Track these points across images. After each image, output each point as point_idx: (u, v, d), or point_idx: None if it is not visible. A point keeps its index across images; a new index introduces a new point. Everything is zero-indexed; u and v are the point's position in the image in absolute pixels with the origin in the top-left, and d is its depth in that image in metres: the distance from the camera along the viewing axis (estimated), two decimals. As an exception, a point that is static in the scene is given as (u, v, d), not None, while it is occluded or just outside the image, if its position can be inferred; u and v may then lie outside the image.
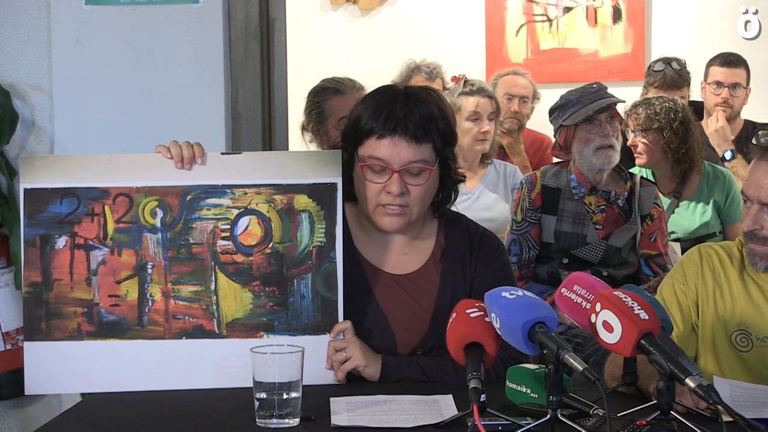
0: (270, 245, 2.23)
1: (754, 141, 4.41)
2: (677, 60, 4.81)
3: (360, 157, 2.26)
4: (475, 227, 2.43)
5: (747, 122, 4.87)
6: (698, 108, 4.83)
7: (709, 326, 2.31)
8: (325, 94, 3.74)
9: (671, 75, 4.74)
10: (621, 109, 3.80)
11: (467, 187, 4.17)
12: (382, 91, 2.32)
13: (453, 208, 2.43)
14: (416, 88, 2.34)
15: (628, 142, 4.13)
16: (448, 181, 2.34)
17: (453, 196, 2.38)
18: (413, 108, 2.23)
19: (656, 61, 4.88)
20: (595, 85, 3.73)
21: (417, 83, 5.05)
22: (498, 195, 4.29)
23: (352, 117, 2.30)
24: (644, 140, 4.11)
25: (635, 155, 4.17)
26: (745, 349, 2.27)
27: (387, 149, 2.22)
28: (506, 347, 1.90)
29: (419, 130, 2.22)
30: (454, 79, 4.58)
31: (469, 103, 4.24)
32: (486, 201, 4.27)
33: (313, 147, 3.75)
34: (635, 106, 4.17)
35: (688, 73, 4.83)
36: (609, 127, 3.64)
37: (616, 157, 3.67)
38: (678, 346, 1.81)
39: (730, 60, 4.81)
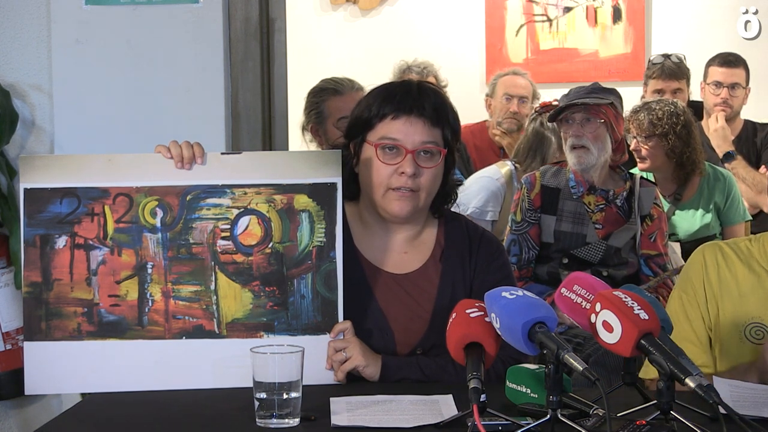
0: (270, 245, 2.22)
1: None
2: (676, 55, 4.81)
3: (370, 141, 2.27)
4: (474, 227, 2.43)
5: (747, 122, 4.87)
6: (698, 108, 4.83)
7: (722, 324, 2.29)
8: (324, 94, 3.74)
9: (670, 65, 4.74)
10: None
11: None
12: (392, 83, 2.38)
13: None
14: (426, 82, 2.39)
15: (631, 147, 4.12)
16: (449, 179, 2.35)
17: (453, 196, 2.39)
18: (427, 95, 2.28)
19: (655, 56, 4.89)
20: (588, 85, 3.71)
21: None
22: None
23: (360, 107, 2.31)
24: (647, 145, 4.10)
25: (638, 159, 4.16)
26: (761, 342, 2.25)
27: (402, 128, 2.24)
28: (506, 347, 1.89)
29: (434, 114, 2.25)
30: (545, 104, 4.40)
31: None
32: None
33: (313, 147, 3.75)
34: (636, 111, 4.14)
35: (688, 68, 4.83)
36: (582, 128, 3.61)
37: (590, 159, 3.59)
38: (678, 346, 1.81)
39: (729, 60, 4.81)
